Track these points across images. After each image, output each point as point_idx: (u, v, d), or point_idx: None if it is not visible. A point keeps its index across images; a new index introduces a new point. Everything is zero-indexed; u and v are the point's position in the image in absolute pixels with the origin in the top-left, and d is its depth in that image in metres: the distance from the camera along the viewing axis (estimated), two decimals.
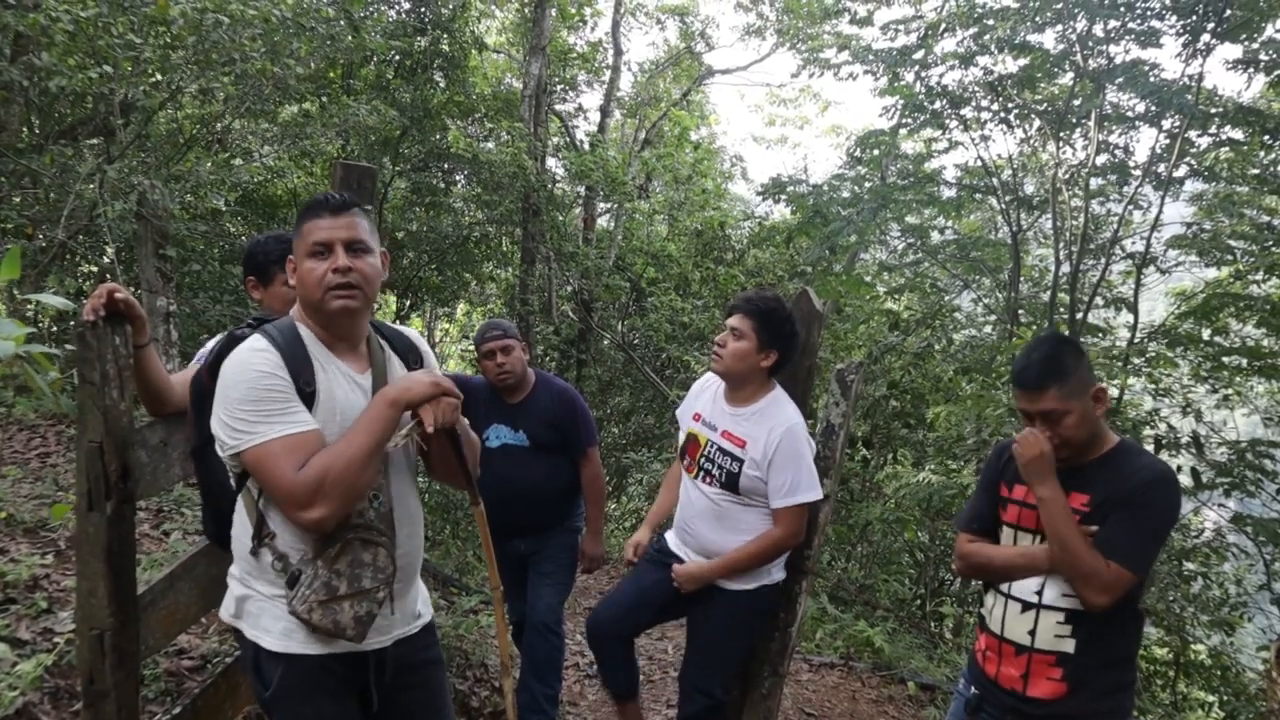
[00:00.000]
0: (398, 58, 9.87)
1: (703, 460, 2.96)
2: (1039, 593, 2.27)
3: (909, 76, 8.03)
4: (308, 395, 1.81)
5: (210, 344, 2.52)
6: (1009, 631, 2.32)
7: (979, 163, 8.42)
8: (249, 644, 1.90)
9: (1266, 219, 7.79)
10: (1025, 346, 2.34)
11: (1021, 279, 9.09)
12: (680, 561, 3.02)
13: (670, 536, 3.14)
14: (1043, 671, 2.26)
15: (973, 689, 2.45)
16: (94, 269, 7.84)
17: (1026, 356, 2.27)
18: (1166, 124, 7.04)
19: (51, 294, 3.43)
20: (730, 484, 2.88)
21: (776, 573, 3.00)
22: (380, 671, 1.95)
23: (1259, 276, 7.29)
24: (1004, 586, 2.35)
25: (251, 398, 1.75)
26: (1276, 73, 6.52)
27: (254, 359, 1.79)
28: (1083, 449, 2.26)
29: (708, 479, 2.94)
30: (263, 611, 1.87)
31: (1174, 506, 2.21)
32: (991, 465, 2.51)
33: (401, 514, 1.95)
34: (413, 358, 2.08)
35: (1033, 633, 2.27)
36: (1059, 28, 7.26)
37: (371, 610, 1.83)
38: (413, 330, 2.18)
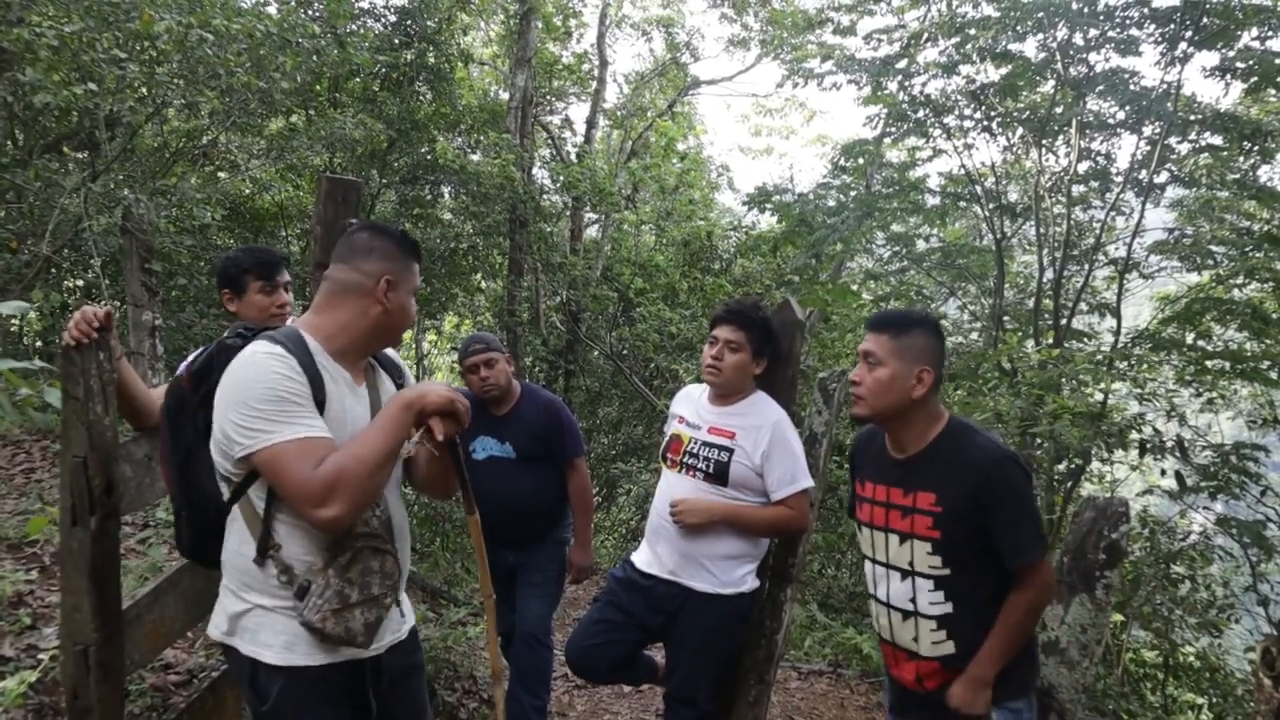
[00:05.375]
0: (384, 71, 9.88)
1: (685, 457, 3.00)
2: (913, 600, 2.29)
3: (892, 86, 8.07)
4: (319, 403, 1.83)
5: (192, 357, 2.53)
6: (898, 639, 2.36)
7: (962, 171, 8.46)
8: (244, 660, 1.87)
9: (1246, 224, 7.86)
10: None
11: (1006, 286, 9.14)
12: (652, 581, 3.02)
13: (640, 555, 3.13)
14: (930, 669, 2.31)
15: (889, 689, 2.52)
16: (79, 283, 7.81)
17: None
18: (1147, 131, 7.11)
19: (35, 308, 3.42)
20: (719, 475, 2.90)
21: (752, 580, 3.01)
22: (377, 678, 1.97)
23: (1240, 281, 7.35)
24: (881, 594, 2.38)
25: (271, 398, 1.75)
26: (1253, 80, 6.59)
27: (273, 362, 1.79)
28: (907, 435, 2.30)
29: (690, 472, 2.97)
30: (261, 626, 1.86)
31: (1025, 477, 2.22)
32: (850, 459, 2.60)
33: (397, 522, 1.99)
34: (395, 374, 2.13)
35: (916, 639, 2.31)
36: (1040, 36, 7.33)
37: (380, 616, 1.86)
38: (390, 349, 2.22)
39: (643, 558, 3.10)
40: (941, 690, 2.29)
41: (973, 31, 7.34)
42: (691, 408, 3.11)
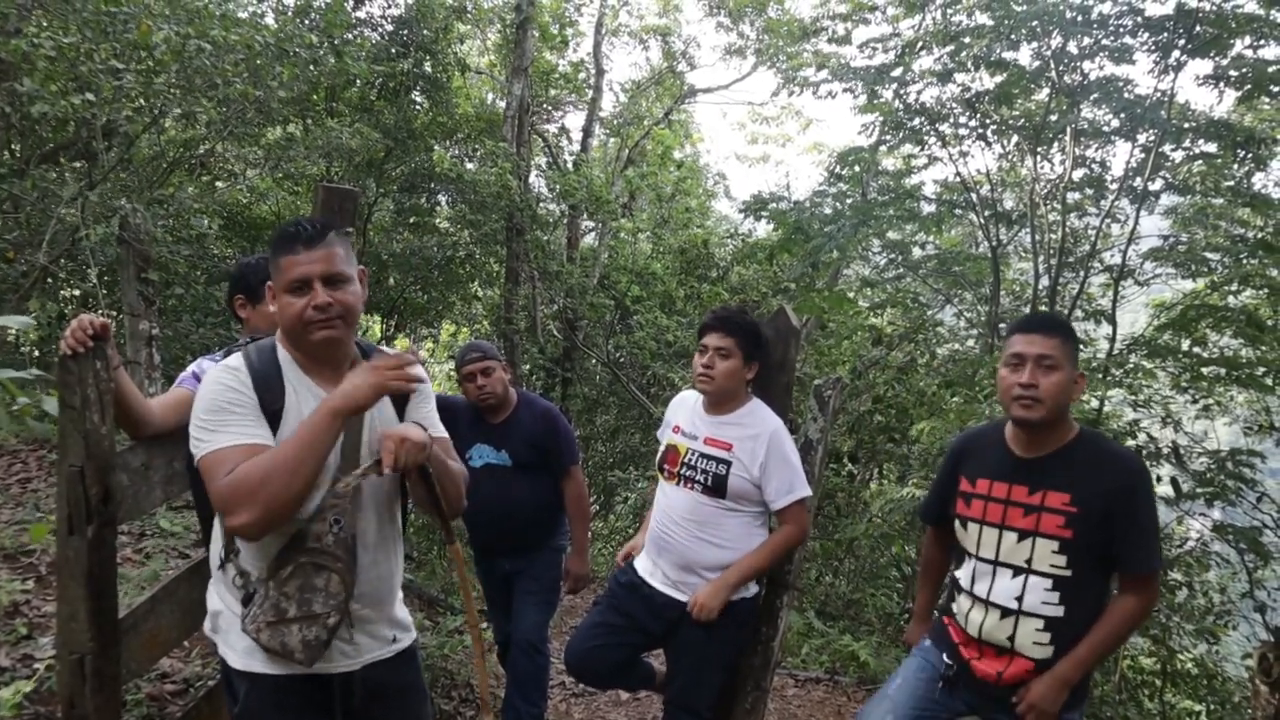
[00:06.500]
0: (381, 80, 9.92)
1: (683, 469, 2.98)
2: (1019, 599, 2.30)
3: (887, 94, 8.10)
4: (273, 413, 1.82)
5: (193, 366, 2.54)
6: (988, 636, 2.35)
7: (958, 178, 8.50)
8: (221, 659, 1.93)
9: (1241, 231, 7.89)
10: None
11: (1002, 293, 9.16)
12: (653, 590, 3.02)
13: (641, 561, 3.13)
14: (1021, 668, 2.31)
15: (946, 660, 2.48)
16: (76, 293, 7.81)
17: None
18: (1141, 138, 7.13)
19: (32, 318, 3.43)
20: (717, 488, 2.89)
21: (752, 586, 3.01)
22: (346, 695, 1.94)
23: (1235, 287, 7.37)
24: (980, 592, 2.37)
25: (211, 409, 1.79)
26: (1246, 88, 6.62)
27: (223, 375, 1.83)
28: (1049, 436, 2.31)
29: (689, 485, 2.95)
30: (230, 628, 1.89)
31: (1154, 490, 2.28)
32: (950, 459, 2.56)
33: (366, 540, 1.92)
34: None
35: (1012, 638, 2.31)
36: (1034, 44, 7.35)
37: (320, 635, 1.80)
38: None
39: (645, 566, 3.09)
40: (1013, 686, 2.31)
41: (967, 40, 7.38)
42: (687, 416, 3.09)
